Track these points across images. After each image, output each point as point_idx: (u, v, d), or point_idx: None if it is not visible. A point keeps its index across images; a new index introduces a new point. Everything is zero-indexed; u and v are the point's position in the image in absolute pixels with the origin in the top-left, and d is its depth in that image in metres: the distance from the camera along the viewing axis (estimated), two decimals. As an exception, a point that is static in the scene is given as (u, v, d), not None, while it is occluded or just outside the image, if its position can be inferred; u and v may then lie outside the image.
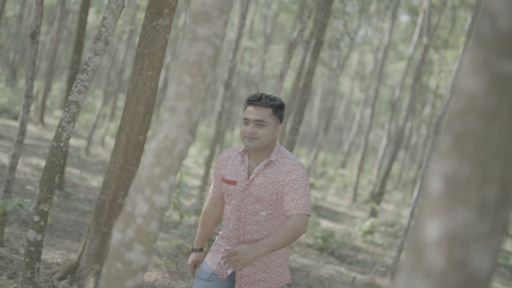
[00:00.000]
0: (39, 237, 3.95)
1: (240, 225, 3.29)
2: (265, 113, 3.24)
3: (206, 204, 3.59)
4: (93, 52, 3.95)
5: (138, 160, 5.31)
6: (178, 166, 2.02)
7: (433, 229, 1.10)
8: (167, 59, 21.58)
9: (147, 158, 2.00)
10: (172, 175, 2.00)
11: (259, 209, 3.26)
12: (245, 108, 3.32)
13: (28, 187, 8.82)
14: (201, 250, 3.58)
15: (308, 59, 12.11)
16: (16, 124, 17.86)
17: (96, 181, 11.56)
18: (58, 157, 3.95)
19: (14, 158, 5.83)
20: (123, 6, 4.00)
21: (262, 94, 3.30)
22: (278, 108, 3.30)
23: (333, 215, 14.58)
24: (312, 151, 21.69)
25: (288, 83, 31.13)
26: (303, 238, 10.21)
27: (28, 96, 5.81)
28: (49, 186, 3.94)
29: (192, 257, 3.56)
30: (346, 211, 15.85)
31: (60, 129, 3.95)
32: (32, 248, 3.94)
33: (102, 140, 18.53)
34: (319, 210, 14.45)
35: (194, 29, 1.99)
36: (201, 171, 17.55)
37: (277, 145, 3.36)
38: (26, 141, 14.51)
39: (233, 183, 3.32)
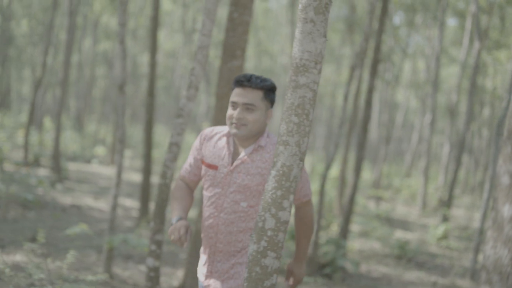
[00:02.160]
0: (156, 264, 4.54)
1: (216, 214, 3.01)
2: (255, 96, 2.93)
3: (177, 181, 3.24)
4: (187, 98, 4.55)
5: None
6: (295, 187, 2.54)
7: (506, 209, 1.57)
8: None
9: (269, 183, 2.54)
10: (291, 195, 2.53)
11: (240, 199, 2.97)
12: (233, 90, 3.00)
13: (127, 223, 9.53)
14: (185, 219, 3.03)
15: (361, 74, 12.55)
16: (90, 168, 18.86)
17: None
18: (166, 192, 4.55)
19: (114, 198, 6.48)
20: (208, 56, 4.60)
21: (252, 75, 2.97)
22: (269, 91, 2.99)
23: (405, 225, 14.83)
24: (376, 164, 21.94)
25: (340, 100, 31.48)
26: (380, 248, 10.56)
27: (121, 141, 6.48)
28: (160, 218, 4.54)
29: (180, 223, 2.93)
30: (416, 219, 16.06)
31: (165, 168, 4.55)
32: (152, 274, 4.53)
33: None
34: (391, 221, 14.73)
35: (295, 79, 2.53)
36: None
37: (267, 131, 3.06)
38: (103, 182, 15.40)
39: (214, 167, 3.02)
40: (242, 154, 2.99)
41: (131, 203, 12.45)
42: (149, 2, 28.95)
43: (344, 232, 8.73)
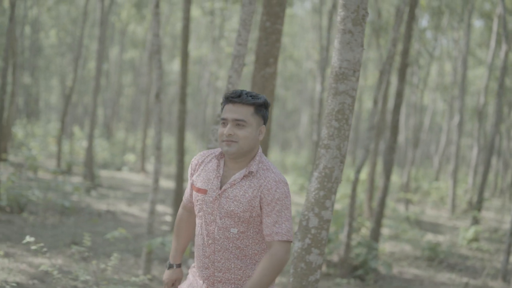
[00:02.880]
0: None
1: (210, 242, 2.88)
2: (245, 112, 2.83)
3: (179, 210, 3.21)
4: (224, 105, 4.73)
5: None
6: (336, 188, 2.70)
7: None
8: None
9: (312, 184, 2.71)
10: (333, 195, 2.69)
11: (230, 225, 2.84)
12: (223, 108, 2.92)
13: (164, 227, 9.76)
14: (178, 266, 3.16)
15: (388, 78, 12.64)
16: (121, 175, 19.20)
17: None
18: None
19: (152, 203, 6.68)
20: (244, 65, 4.78)
21: (242, 91, 2.88)
22: (261, 106, 2.88)
23: (434, 227, 14.85)
24: (404, 167, 21.93)
25: (367, 104, 31.49)
26: (410, 251, 10.64)
27: (158, 148, 6.70)
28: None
29: (167, 274, 3.14)
30: (446, 222, 16.06)
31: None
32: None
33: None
34: (420, 224, 14.76)
35: (335, 86, 2.70)
36: (297, 198, 18.16)
37: (259, 154, 2.92)
38: (135, 188, 15.70)
39: (203, 192, 2.92)
40: (232, 178, 2.86)
41: (163, 209, 12.70)
42: (175, 11, 29.34)
43: (376, 234, 8.84)
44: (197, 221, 2.96)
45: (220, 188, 2.87)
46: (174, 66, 34.12)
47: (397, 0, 10.26)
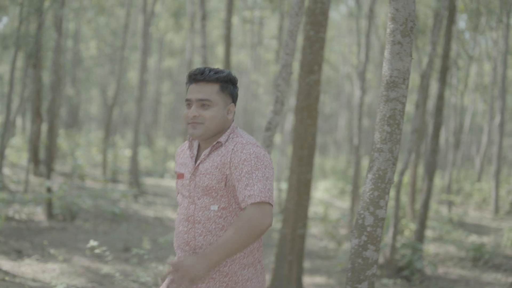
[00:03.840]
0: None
1: (190, 226, 2.69)
2: (210, 90, 2.67)
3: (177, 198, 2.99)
4: (274, 112, 4.96)
5: (308, 195, 6.25)
6: (389, 188, 2.90)
7: None
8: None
9: (367, 185, 2.91)
10: (386, 195, 2.89)
11: (209, 202, 2.67)
12: (187, 88, 2.76)
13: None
14: None
15: (428, 80, 12.70)
16: (164, 182, 19.59)
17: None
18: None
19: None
20: (291, 73, 5.00)
21: (205, 67, 2.71)
22: (227, 83, 2.73)
23: (478, 228, 14.80)
24: (445, 169, 21.84)
25: (407, 107, 31.34)
26: (455, 252, 10.69)
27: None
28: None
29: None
30: (490, 223, 15.98)
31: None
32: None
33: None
34: (464, 225, 14.75)
35: (386, 93, 2.90)
36: (338, 202, 18.26)
37: (232, 127, 2.77)
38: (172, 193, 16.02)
39: (181, 176, 2.79)
40: (202, 154, 2.71)
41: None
42: (210, 18, 29.75)
43: (420, 236, 8.95)
44: (178, 209, 2.81)
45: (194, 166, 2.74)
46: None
47: (435, 3, 10.36)
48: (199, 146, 2.83)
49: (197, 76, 2.70)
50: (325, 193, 20.91)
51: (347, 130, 34.87)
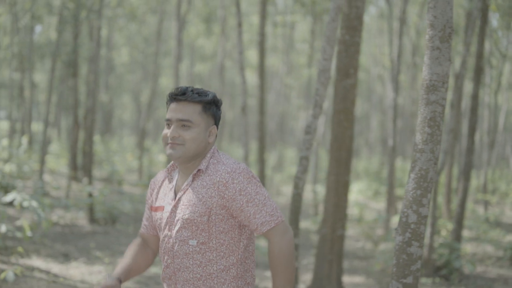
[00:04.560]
0: (295, 264, 5.12)
1: (169, 261, 2.58)
2: (191, 110, 2.53)
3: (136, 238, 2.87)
4: (313, 116, 5.12)
5: (346, 197, 6.38)
6: (431, 187, 3.03)
7: None
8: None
9: (410, 184, 3.04)
10: (429, 193, 3.02)
11: (187, 236, 2.52)
12: (168, 107, 2.61)
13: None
14: (118, 279, 2.60)
15: (462, 81, 12.70)
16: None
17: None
18: (299, 201, 5.12)
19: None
20: (330, 78, 5.15)
21: (187, 87, 2.58)
22: (209, 104, 2.59)
23: (515, 228, 14.73)
24: (480, 169, 21.69)
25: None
26: (492, 251, 10.68)
27: (245, 157, 7.13)
28: (295, 224, 5.11)
29: (108, 282, 2.56)
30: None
31: (297, 180, 5.13)
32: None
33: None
34: (501, 225, 14.68)
35: (426, 97, 3.03)
36: (372, 203, 18.29)
37: (212, 151, 2.62)
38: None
39: (161, 209, 2.64)
40: (184, 184, 2.57)
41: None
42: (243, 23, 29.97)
43: (457, 235, 8.99)
44: (160, 242, 2.66)
45: (175, 198, 2.59)
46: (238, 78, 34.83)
47: (468, 4, 10.40)
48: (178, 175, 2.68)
49: (179, 96, 2.55)
50: (359, 195, 20.94)
51: (379, 131, 34.77)
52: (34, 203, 7.20)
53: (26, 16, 19.62)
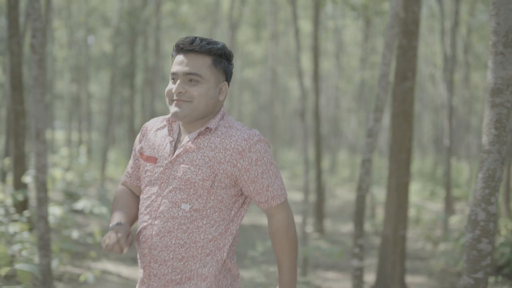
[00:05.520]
0: (360, 264, 5.28)
1: (150, 221, 2.29)
2: (200, 63, 2.25)
3: (118, 186, 2.57)
4: (374, 120, 5.27)
5: (407, 198, 6.50)
6: (499, 186, 3.17)
7: None
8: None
9: (478, 184, 3.19)
10: (496, 192, 3.16)
11: (180, 199, 2.25)
12: (173, 60, 2.33)
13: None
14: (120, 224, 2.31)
15: None
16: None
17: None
18: (362, 202, 5.28)
19: (303, 214, 7.30)
20: (389, 83, 5.30)
21: (196, 37, 2.28)
22: (220, 57, 2.31)
23: None
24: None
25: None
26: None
27: (306, 162, 7.33)
28: (360, 225, 5.28)
29: (119, 228, 2.27)
30: None
31: (360, 182, 5.29)
32: (357, 273, 5.27)
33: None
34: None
35: (492, 100, 3.18)
36: (429, 204, 18.18)
37: (222, 111, 2.35)
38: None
39: (152, 160, 2.34)
40: (186, 139, 2.30)
41: (297, 219, 13.35)
42: (288, 26, 30.19)
43: (518, 234, 8.97)
44: (141, 198, 2.38)
45: (173, 154, 2.30)
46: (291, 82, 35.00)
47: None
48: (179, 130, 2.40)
49: (186, 46, 2.26)
50: (415, 196, 20.81)
51: (431, 131, 34.40)
52: (104, 210, 7.59)
53: (81, 29, 20.29)
